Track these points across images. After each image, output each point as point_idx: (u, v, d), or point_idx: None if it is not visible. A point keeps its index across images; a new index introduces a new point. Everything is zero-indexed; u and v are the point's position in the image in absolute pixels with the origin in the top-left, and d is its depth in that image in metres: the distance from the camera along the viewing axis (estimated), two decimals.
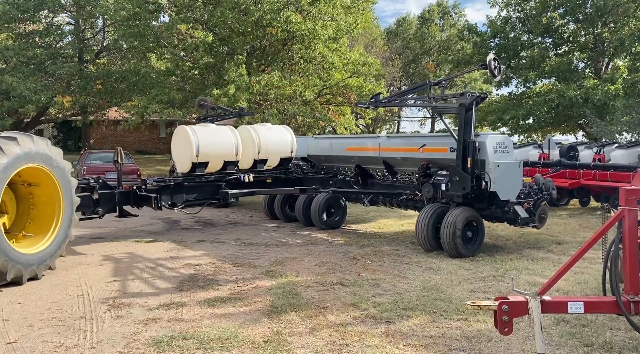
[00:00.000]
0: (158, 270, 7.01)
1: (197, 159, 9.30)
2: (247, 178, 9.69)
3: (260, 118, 20.32)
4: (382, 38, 44.00)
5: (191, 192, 9.30)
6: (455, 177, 7.77)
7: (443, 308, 5.28)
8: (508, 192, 7.64)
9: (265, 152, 10.37)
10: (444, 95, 8.58)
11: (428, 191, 8.22)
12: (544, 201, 7.93)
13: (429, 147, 8.68)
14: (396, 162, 9.56)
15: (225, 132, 9.87)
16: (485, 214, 8.04)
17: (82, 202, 7.68)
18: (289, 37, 19.56)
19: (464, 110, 7.77)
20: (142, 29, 19.56)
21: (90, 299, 5.68)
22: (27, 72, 20.16)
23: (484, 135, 7.88)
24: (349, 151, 10.52)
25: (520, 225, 7.71)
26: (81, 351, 4.28)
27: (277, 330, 4.73)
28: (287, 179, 10.80)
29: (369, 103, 9.43)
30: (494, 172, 7.52)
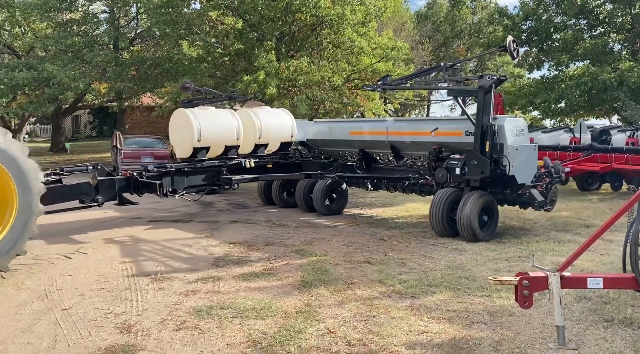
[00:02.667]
0: (195, 248, 7.40)
1: (199, 144, 8.95)
2: (248, 164, 9.41)
3: (290, 104, 20.59)
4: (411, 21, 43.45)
5: (192, 178, 8.94)
6: (473, 160, 7.70)
7: (467, 285, 5.48)
8: (525, 176, 7.66)
9: (266, 137, 10.05)
10: (460, 77, 8.44)
11: (442, 175, 8.12)
12: (555, 184, 7.96)
13: (442, 130, 8.54)
14: (405, 146, 9.37)
15: (226, 115, 9.57)
16: (497, 198, 8.03)
17: (80, 190, 7.67)
18: (318, 22, 19.64)
19: (482, 92, 7.69)
20: (174, 16, 19.99)
21: (133, 273, 6.10)
22: (66, 60, 20.91)
23: (502, 119, 7.85)
24: (353, 135, 10.28)
25: (537, 208, 7.71)
26: (129, 317, 4.67)
27: (307, 302, 5.02)
28: (286, 164, 10.49)
29: (377, 85, 9.20)
30: (512, 156, 7.50)
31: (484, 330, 4.30)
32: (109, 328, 4.41)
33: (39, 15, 22.77)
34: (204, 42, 21.05)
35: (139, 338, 4.21)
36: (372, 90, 9.64)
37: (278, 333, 4.27)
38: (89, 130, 45.10)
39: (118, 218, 9.81)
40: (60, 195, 7.44)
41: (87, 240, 7.93)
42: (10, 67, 21.93)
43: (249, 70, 19.48)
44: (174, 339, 4.20)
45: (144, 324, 4.50)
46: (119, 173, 8.28)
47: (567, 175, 12.52)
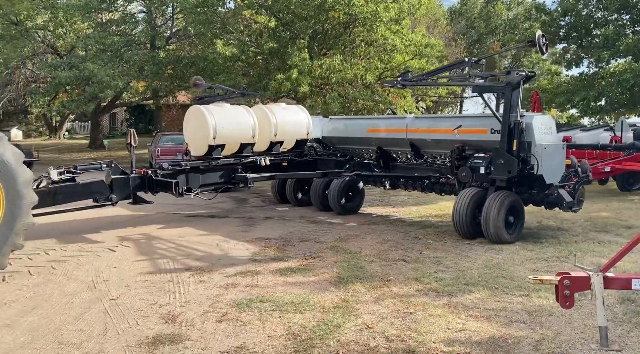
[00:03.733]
0: (232, 243, 7.57)
1: (214, 142, 8.73)
2: (264, 161, 9.19)
3: (322, 102, 20.69)
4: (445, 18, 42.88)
5: (207, 176, 8.76)
6: (499, 159, 7.44)
7: (505, 284, 5.45)
8: (553, 175, 7.42)
9: (281, 134, 9.81)
10: (486, 73, 8.15)
11: (465, 175, 7.87)
12: (583, 184, 7.74)
13: (465, 128, 8.28)
14: (425, 143, 9.11)
15: (241, 112, 9.37)
16: (523, 197, 7.77)
17: (94, 188, 7.58)
18: (351, 20, 19.65)
19: (510, 89, 7.43)
20: (209, 16, 20.33)
21: (175, 266, 6.30)
22: (105, 59, 21.57)
23: (530, 116, 7.60)
24: (371, 132, 10.00)
25: (565, 208, 7.45)
26: (173, 308, 4.84)
27: (344, 298, 5.10)
28: (302, 162, 10.23)
29: (396, 81, 8.87)
30: (540, 155, 7.27)
31: (523, 329, 4.29)
32: (155, 318, 4.60)
33: (80, 15, 23.53)
34: (238, 41, 21.36)
35: (183, 328, 4.37)
36: (392, 86, 9.31)
37: (317, 327, 4.36)
38: (125, 127, 46.34)
39: (156, 214, 10.10)
40: (74, 193, 7.41)
41: (128, 234, 8.21)
42: (53, 66, 22.78)
43: (282, 68, 19.67)
44: (217, 330, 4.34)
45: (188, 315, 4.67)
46: (133, 171, 8.14)
47: (607, 174, 12.21)
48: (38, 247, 7.27)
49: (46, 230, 8.33)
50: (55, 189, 7.14)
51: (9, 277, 5.86)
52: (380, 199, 11.85)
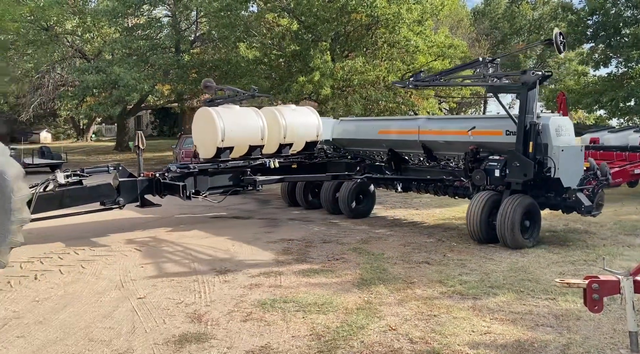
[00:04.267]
0: (256, 243, 7.65)
1: (223, 144, 8.63)
2: (273, 164, 9.06)
3: (344, 104, 20.71)
4: (468, 18, 42.51)
5: (215, 179, 8.67)
6: (514, 162, 7.19)
7: (530, 287, 5.38)
8: (571, 178, 7.15)
9: (291, 136, 9.64)
10: (500, 73, 7.86)
11: (480, 178, 7.61)
12: (602, 187, 7.46)
13: (480, 129, 8.02)
14: (438, 145, 8.83)
15: (250, 114, 9.24)
16: (539, 201, 7.51)
17: (101, 191, 7.54)
18: (373, 21, 19.64)
19: (525, 89, 7.21)
20: (232, 20, 20.55)
21: (200, 266, 6.40)
22: (131, 63, 22.01)
23: (546, 117, 7.33)
24: (382, 134, 9.75)
25: (583, 213, 7.20)
26: (199, 307, 4.92)
27: (367, 300, 5.11)
28: (311, 164, 10.04)
29: (408, 82, 8.62)
30: (558, 157, 7.01)
31: (550, 333, 4.23)
32: (181, 317, 4.68)
33: (107, 21, 24.08)
34: (260, 44, 21.56)
35: (209, 328, 4.44)
36: (403, 86, 8.98)
37: (340, 328, 4.38)
38: (150, 129, 47.14)
39: (179, 215, 10.25)
40: (81, 196, 7.37)
41: (153, 235, 8.36)
42: (81, 70, 23.32)
43: (304, 71, 19.76)
44: (242, 329, 4.40)
45: (213, 314, 4.74)
46: (140, 174, 8.11)
47: (637, 177, 11.92)
48: (68, 247, 7.46)
49: (71, 230, 8.54)
50: (62, 192, 7.12)
51: (41, 275, 6.03)
52: (402, 201, 11.80)
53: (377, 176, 9.52)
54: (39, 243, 7.71)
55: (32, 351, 4.03)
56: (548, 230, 8.34)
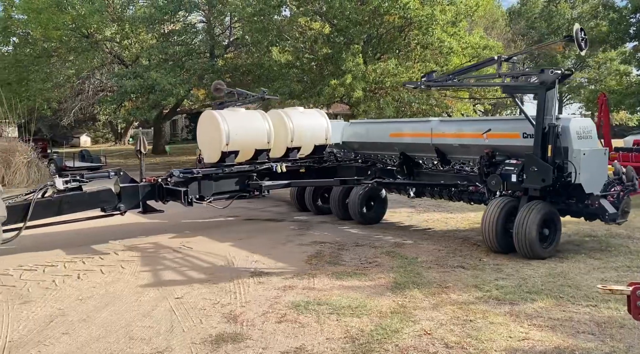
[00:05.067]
0: (289, 246, 7.71)
1: (227, 148, 8.37)
2: (280, 168, 8.76)
3: (376, 107, 20.65)
4: (503, 19, 41.75)
5: (220, 184, 8.42)
6: (532, 166, 6.75)
7: (570, 293, 5.24)
8: (593, 184, 6.69)
9: (298, 139, 9.32)
10: (517, 72, 7.47)
11: (495, 183, 7.20)
12: (628, 193, 6.97)
13: (495, 132, 7.62)
14: (451, 149, 8.42)
15: (256, 117, 8.99)
16: (559, 208, 7.07)
17: (101, 197, 7.34)
18: (406, 23, 19.53)
19: (544, 89, 6.76)
20: (265, 24, 20.79)
21: (235, 268, 6.50)
22: (168, 68, 22.53)
23: (566, 119, 6.93)
24: (393, 137, 9.33)
25: (607, 221, 6.72)
26: (234, 308, 5.00)
27: (402, 303, 5.08)
28: (321, 168, 9.70)
29: (420, 82, 8.28)
30: (579, 161, 6.58)
31: (591, 341, 4.11)
32: (217, 317, 4.77)
33: (144, 27, 24.74)
34: (293, 48, 21.73)
35: (244, 328, 4.51)
36: (415, 87, 8.55)
37: (375, 331, 4.37)
38: (185, 133, 48.12)
39: (213, 216, 10.43)
40: (80, 202, 7.18)
41: (188, 237, 8.54)
42: (119, 75, 24.02)
43: (336, 74, 19.80)
44: (277, 330, 4.45)
45: (248, 315, 4.81)
46: (142, 179, 7.91)
47: None
48: (108, 248, 7.70)
49: (110, 231, 8.80)
50: (61, 198, 6.96)
51: (83, 275, 6.25)
52: (436, 204, 11.66)
53: (388, 181, 9.19)
54: (80, 244, 7.98)
55: (76, 347, 4.19)
56: (589, 235, 8.10)
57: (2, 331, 4.49)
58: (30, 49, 26.66)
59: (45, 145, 23.58)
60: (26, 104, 23.20)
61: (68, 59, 27.02)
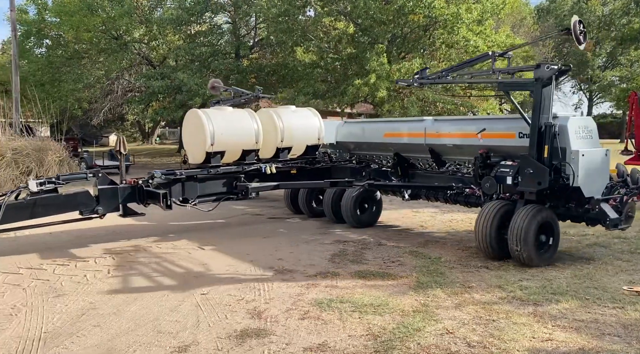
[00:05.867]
0: (312, 244, 7.79)
1: (212, 148, 8.06)
2: (269, 169, 8.44)
3: (400, 106, 20.58)
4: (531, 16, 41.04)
5: (206, 186, 8.09)
6: (527, 168, 6.37)
7: (596, 295, 5.18)
8: (593, 187, 6.31)
9: (289, 139, 8.99)
10: (512, 68, 7.14)
11: (489, 185, 6.85)
12: (632, 197, 6.52)
13: (490, 131, 7.21)
14: (446, 149, 8.09)
15: (243, 116, 8.62)
16: (559, 212, 6.74)
17: (78, 200, 7.07)
18: (431, 22, 19.44)
19: (540, 85, 6.35)
20: (290, 24, 20.97)
21: (259, 265, 6.61)
22: (194, 68, 22.93)
23: (564, 118, 6.47)
24: (387, 137, 9.00)
25: (608, 227, 6.29)
26: (258, 304, 5.10)
27: (424, 302, 5.10)
28: (313, 169, 9.36)
29: (413, 80, 7.96)
30: (577, 163, 6.17)
31: (617, 343, 4.07)
32: (242, 313, 4.87)
33: (172, 28, 25.21)
34: (317, 48, 21.84)
35: (268, 324, 4.60)
36: (408, 85, 8.23)
37: (397, 329, 4.41)
38: None
39: (241, 215, 10.59)
40: (55, 205, 6.94)
41: (214, 235, 8.70)
42: (147, 76, 24.53)
43: (360, 73, 19.83)
44: (300, 327, 4.52)
45: (272, 311, 4.90)
46: (122, 181, 7.60)
47: None
48: (136, 245, 7.91)
49: (137, 230, 9.02)
50: (34, 201, 6.72)
51: (114, 270, 6.45)
52: None
53: (380, 182, 8.87)
54: (109, 240, 8.22)
55: (107, 339, 4.34)
56: (617, 236, 7.96)
57: (38, 323, 4.68)
58: (63, 51, 27.44)
59: (76, 144, 24.23)
60: (58, 104, 23.88)
61: (98, 60, 27.71)
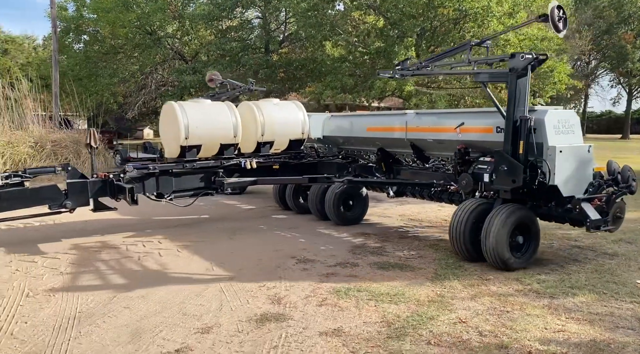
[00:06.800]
0: (333, 236, 7.96)
1: (187, 142, 7.84)
2: (250, 164, 8.24)
3: (428, 101, 20.47)
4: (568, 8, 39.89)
5: (182, 181, 7.87)
6: (502, 165, 6.07)
7: (614, 290, 5.18)
8: (573, 186, 5.92)
9: (270, 133, 8.73)
10: (491, 57, 6.74)
11: (466, 183, 6.54)
12: (620, 196, 6.07)
13: (468, 126, 6.84)
14: (427, 145, 7.74)
15: (221, 109, 8.33)
16: (541, 212, 6.39)
17: (45, 194, 6.92)
18: (461, 16, 19.23)
19: (514, 76, 5.99)
20: (319, 19, 21.09)
21: (281, 254, 6.82)
22: (224, 63, 23.31)
23: (542, 111, 6.09)
24: (371, 131, 8.70)
25: (589, 228, 5.84)
26: (279, 290, 5.31)
27: (440, 293, 5.20)
28: (299, 164, 9.06)
29: (394, 71, 7.63)
30: (554, 160, 5.80)
31: (630, 336, 4.09)
32: (263, 299, 5.09)
33: (204, 24, 25.65)
34: (345, 42, 21.90)
35: (287, 309, 4.80)
36: (391, 76, 7.85)
37: (411, 317, 4.54)
38: None
39: (262, 208, 10.83)
40: (21, 199, 6.81)
41: (240, 225, 8.96)
42: (179, 71, 25.08)
43: (388, 67, 19.79)
44: (317, 313, 4.71)
45: (291, 298, 5.10)
46: (93, 175, 7.43)
47: None
48: (165, 233, 8.25)
49: (168, 220, 9.36)
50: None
51: (143, 257, 6.77)
52: None
53: (360, 179, 8.63)
54: (142, 228, 8.59)
55: (136, 320, 4.62)
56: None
57: (74, 304, 5.01)
58: (99, 46, 28.29)
59: (111, 137, 25.06)
60: (95, 98, 24.70)
61: (133, 55, 28.46)
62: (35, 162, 14.83)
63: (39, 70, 27.32)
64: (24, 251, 7.04)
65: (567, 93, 30.66)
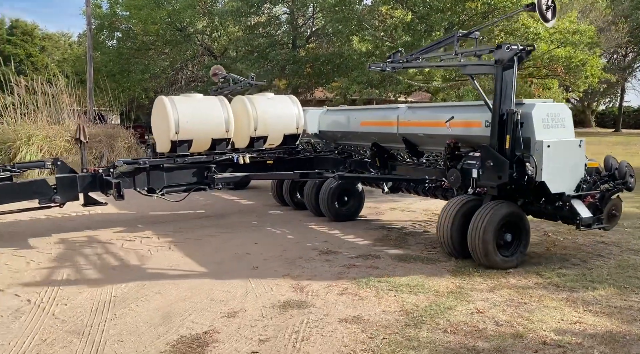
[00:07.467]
0: (356, 228, 8.11)
1: (177, 137, 7.76)
2: (242, 159, 8.18)
3: (455, 95, 20.33)
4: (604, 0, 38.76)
5: (173, 176, 7.84)
6: (488, 160, 5.91)
7: (636, 284, 5.19)
8: (562, 182, 5.71)
9: (263, 128, 8.60)
10: (479, 49, 6.43)
11: (454, 179, 6.45)
12: (616, 193, 5.89)
13: (458, 120, 6.69)
14: (419, 139, 7.61)
15: (213, 104, 8.26)
16: (532, 209, 6.25)
17: (34, 188, 6.94)
18: (490, 9, 18.98)
19: (500, 69, 5.81)
20: (346, 14, 21.14)
21: (304, 246, 7.02)
22: (252, 59, 23.64)
23: (530, 104, 5.90)
24: (364, 126, 8.62)
25: (580, 226, 5.69)
26: (302, 280, 5.51)
27: (459, 285, 5.31)
28: (294, 160, 9.00)
29: (385, 64, 7.50)
30: (541, 155, 5.60)
31: None
32: (286, 287, 5.30)
33: (232, 20, 26.03)
34: (373, 37, 21.87)
35: (309, 297, 4.99)
36: (382, 70, 7.64)
37: (429, 307, 4.67)
38: None
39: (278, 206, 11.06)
40: (10, 193, 6.81)
41: (265, 217, 9.21)
42: (209, 67, 25.52)
43: None
44: (338, 301, 4.88)
45: (313, 287, 5.29)
46: (83, 170, 7.48)
47: None
48: (194, 224, 8.55)
49: (195, 213, 9.67)
50: None
51: (174, 246, 7.08)
52: None
53: (353, 174, 8.55)
54: (171, 221, 8.92)
55: (167, 304, 4.89)
56: None
57: (110, 289, 5.33)
58: (131, 43, 29.01)
59: (143, 131, 25.68)
60: (127, 94, 25.40)
61: (164, 52, 29.09)
62: (71, 156, 15.42)
63: (74, 67, 28.24)
64: (59, 242, 7.45)
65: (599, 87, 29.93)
